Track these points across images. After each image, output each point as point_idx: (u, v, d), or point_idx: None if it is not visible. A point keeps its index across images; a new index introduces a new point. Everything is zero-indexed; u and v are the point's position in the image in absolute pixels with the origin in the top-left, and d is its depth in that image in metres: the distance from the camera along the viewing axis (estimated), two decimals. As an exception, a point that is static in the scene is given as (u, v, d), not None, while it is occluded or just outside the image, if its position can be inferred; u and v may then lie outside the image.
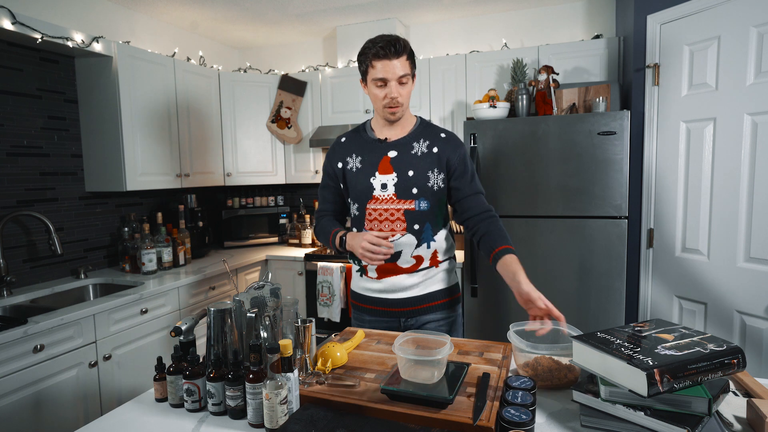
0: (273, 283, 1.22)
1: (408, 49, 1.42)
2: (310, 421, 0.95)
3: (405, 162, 1.48)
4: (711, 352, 0.91)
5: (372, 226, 1.50)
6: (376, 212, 1.49)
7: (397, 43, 1.39)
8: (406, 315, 1.53)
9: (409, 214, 1.46)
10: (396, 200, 1.47)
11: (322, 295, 2.94)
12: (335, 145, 1.61)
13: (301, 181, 3.46)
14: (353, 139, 1.58)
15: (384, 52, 1.38)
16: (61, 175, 2.51)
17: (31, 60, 2.36)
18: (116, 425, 1.01)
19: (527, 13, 3.13)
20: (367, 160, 1.51)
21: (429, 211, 1.48)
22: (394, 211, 1.47)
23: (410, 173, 1.47)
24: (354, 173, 1.53)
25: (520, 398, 0.94)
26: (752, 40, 1.83)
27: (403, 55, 1.41)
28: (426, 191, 1.47)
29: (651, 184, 2.33)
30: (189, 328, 1.14)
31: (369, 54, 1.41)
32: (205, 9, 2.99)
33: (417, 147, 1.50)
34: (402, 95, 1.44)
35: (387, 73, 1.40)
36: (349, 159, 1.55)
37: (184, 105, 2.94)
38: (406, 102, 1.47)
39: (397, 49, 1.39)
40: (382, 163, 1.49)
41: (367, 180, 1.50)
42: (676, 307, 2.25)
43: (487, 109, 2.55)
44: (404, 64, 1.41)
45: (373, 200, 1.49)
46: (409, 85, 1.46)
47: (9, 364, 1.71)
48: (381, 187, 1.48)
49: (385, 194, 1.48)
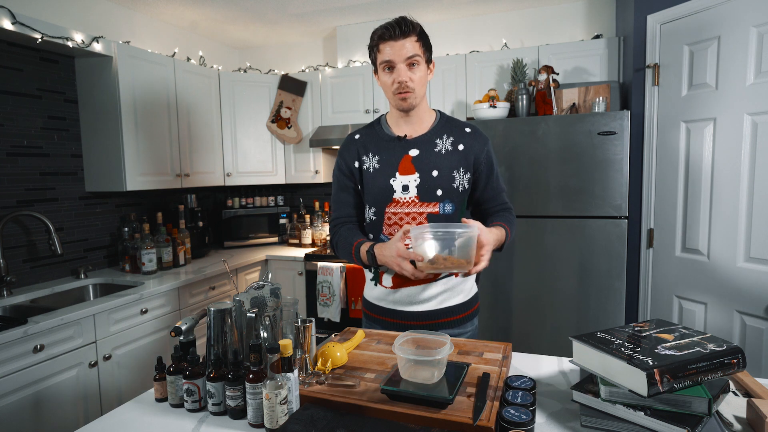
0: (273, 283, 1.22)
1: (418, 29, 1.30)
2: (310, 421, 0.95)
3: (428, 161, 1.35)
4: (711, 352, 0.91)
5: (392, 231, 1.38)
6: (397, 216, 1.36)
7: (403, 22, 1.27)
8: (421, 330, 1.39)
9: (433, 219, 1.34)
10: (419, 203, 1.35)
11: (322, 295, 2.94)
12: (348, 143, 1.46)
13: (301, 181, 3.46)
14: (368, 136, 1.44)
15: (390, 32, 1.27)
16: (61, 175, 2.51)
17: (31, 60, 2.36)
18: (116, 425, 1.01)
19: (527, 13, 3.13)
20: (385, 159, 1.38)
21: (454, 215, 1.36)
22: (417, 215, 1.35)
23: (434, 173, 1.34)
24: (371, 174, 1.39)
25: (520, 398, 0.94)
26: (752, 40, 1.83)
27: (411, 36, 1.28)
28: (452, 193, 1.35)
29: (651, 184, 2.33)
30: (189, 328, 1.13)
31: (375, 37, 1.31)
32: (205, 9, 2.99)
33: (441, 144, 1.37)
34: (413, 80, 1.30)
35: (393, 55, 1.28)
36: (365, 158, 1.41)
37: (184, 105, 2.94)
38: (419, 88, 1.33)
39: (403, 29, 1.27)
40: (403, 162, 1.36)
41: (386, 181, 1.37)
42: (676, 307, 2.25)
43: (487, 109, 2.55)
44: (413, 45, 1.28)
45: (393, 203, 1.36)
46: (421, 69, 1.32)
47: (9, 364, 1.71)
48: (402, 189, 1.35)
49: (406, 197, 1.35)
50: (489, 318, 2.58)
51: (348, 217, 1.47)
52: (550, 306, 2.45)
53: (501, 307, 2.56)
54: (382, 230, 1.40)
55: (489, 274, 2.55)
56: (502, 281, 2.54)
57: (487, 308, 2.58)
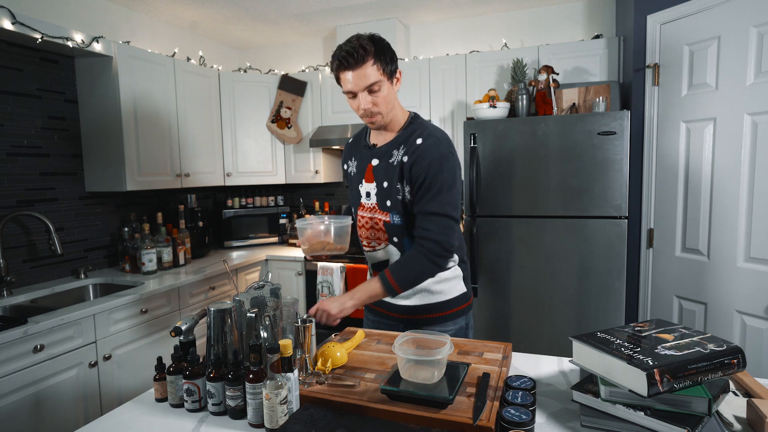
0: (273, 283, 1.22)
1: (371, 52, 1.27)
2: (310, 421, 0.95)
3: (383, 171, 1.40)
4: (711, 352, 0.91)
5: (361, 233, 1.49)
6: (363, 219, 1.47)
7: (355, 51, 1.25)
8: (405, 322, 1.47)
9: (388, 226, 1.41)
10: (378, 210, 1.43)
11: (322, 295, 2.92)
12: (346, 146, 1.60)
13: (301, 181, 3.46)
14: (356, 142, 1.55)
15: (344, 63, 1.27)
16: (61, 175, 2.51)
17: (31, 60, 2.36)
18: (116, 425, 1.01)
19: (527, 13, 3.13)
20: (359, 165, 1.48)
21: (402, 226, 1.39)
22: (378, 221, 1.43)
23: (385, 184, 1.39)
24: (351, 178, 1.52)
25: (520, 398, 0.94)
26: (752, 40, 1.83)
27: (367, 62, 1.26)
28: (397, 205, 1.37)
29: (651, 184, 2.33)
30: (189, 328, 1.14)
31: (333, 66, 1.32)
32: (205, 9, 2.99)
33: (395, 155, 1.38)
34: (377, 103, 1.32)
35: (353, 85, 1.29)
36: (350, 162, 1.54)
37: (184, 105, 2.94)
38: (385, 108, 1.34)
39: (356, 58, 1.25)
40: (368, 170, 1.44)
41: (356, 187, 1.48)
42: (676, 307, 2.25)
43: (487, 109, 2.55)
44: (371, 70, 1.27)
45: (361, 207, 1.47)
46: (383, 90, 1.31)
47: (9, 364, 1.71)
48: (365, 195, 1.44)
49: (369, 203, 1.44)
50: (489, 318, 2.58)
51: None
52: (550, 306, 2.45)
53: (501, 307, 2.56)
54: (356, 229, 1.51)
55: (489, 273, 2.55)
56: (501, 281, 2.54)
57: (487, 308, 2.58)
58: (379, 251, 1.48)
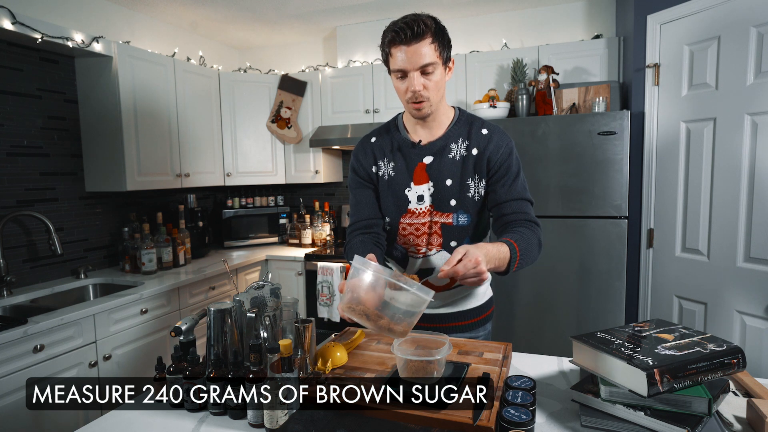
0: (273, 283, 1.22)
1: (432, 29, 1.16)
2: (310, 421, 0.95)
3: (442, 169, 1.27)
4: (711, 352, 0.91)
5: (406, 241, 1.32)
6: (412, 227, 1.31)
7: (415, 24, 1.13)
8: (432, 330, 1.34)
9: (447, 229, 1.28)
10: (433, 212, 1.29)
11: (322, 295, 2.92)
12: (364, 146, 1.37)
13: (301, 181, 3.46)
14: (384, 140, 1.35)
15: (400, 36, 1.14)
16: (61, 175, 2.51)
17: (31, 60, 2.36)
18: (116, 425, 1.01)
19: (527, 13, 3.13)
20: (400, 167, 1.30)
21: (469, 226, 1.29)
22: (432, 224, 1.29)
23: (448, 182, 1.27)
24: (386, 182, 1.32)
25: (520, 398, 0.94)
26: (752, 40, 1.83)
27: (426, 39, 1.14)
28: (466, 202, 1.27)
29: (651, 184, 2.33)
30: (189, 328, 1.13)
31: (386, 40, 1.18)
32: (205, 9, 2.99)
33: (455, 150, 1.27)
34: (428, 87, 1.19)
35: (405, 63, 1.16)
36: (381, 164, 1.33)
37: (183, 105, 2.93)
38: (435, 95, 1.22)
39: (415, 32, 1.13)
40: (417, 170, 1.28)
41: (401, 191, 1.30)
42: (676, 307, 2.25)
43: (487, 109, 2.55)
44: (427, 50, 1.15)
45: (408, 214, 1.30)
46: (437, 73, 1.19)
47: (9, 364, 1.71)
48: (417, 199, 1.28)
49: (421, 207, 1.28)
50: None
51: (368, 220, 1.35)
52: (550, 306, 2.45)
53: (501, 307, 2.56)
54: (396, 239, 1.35)
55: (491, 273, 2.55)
56: (501, 281, 2.54)
57: (487, 308, 2.58)
58: (432, 256, 1.31)
